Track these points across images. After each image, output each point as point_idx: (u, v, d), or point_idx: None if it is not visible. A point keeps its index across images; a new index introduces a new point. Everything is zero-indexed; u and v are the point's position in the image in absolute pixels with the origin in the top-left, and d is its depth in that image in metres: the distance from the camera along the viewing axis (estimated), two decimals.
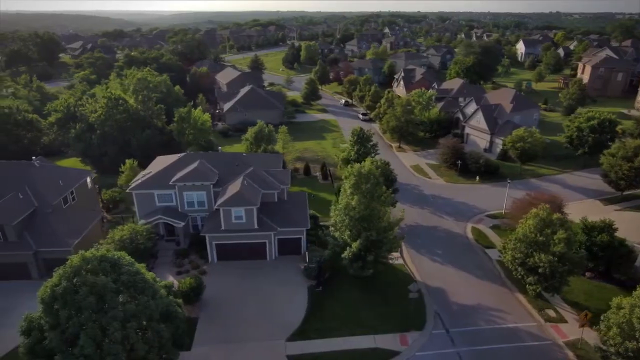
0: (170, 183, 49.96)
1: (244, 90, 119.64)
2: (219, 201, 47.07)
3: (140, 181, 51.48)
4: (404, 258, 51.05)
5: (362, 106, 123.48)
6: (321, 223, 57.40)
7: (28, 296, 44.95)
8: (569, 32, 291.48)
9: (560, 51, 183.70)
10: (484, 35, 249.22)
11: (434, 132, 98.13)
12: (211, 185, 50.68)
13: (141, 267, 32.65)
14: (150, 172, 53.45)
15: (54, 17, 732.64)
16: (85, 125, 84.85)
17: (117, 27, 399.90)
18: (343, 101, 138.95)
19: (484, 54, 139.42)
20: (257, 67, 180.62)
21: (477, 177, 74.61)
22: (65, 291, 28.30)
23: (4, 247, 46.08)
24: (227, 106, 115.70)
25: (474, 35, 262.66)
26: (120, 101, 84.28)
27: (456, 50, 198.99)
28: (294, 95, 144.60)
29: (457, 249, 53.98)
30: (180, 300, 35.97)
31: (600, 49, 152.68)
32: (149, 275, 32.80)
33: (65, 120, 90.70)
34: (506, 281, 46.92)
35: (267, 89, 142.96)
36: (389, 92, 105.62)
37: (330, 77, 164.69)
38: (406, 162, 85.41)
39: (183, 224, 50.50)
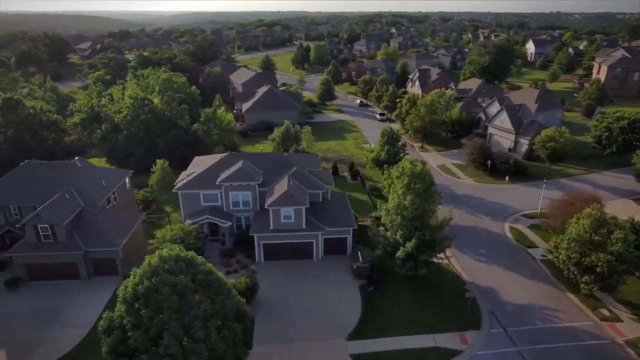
0: (217, 183, 50.06)
1: (261, 91, 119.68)
2: (269, 201, 47.18)
3: (185, 181, 51.56)
4: (448, 257, 51.21)
5: (380, 106, 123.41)
6: (359, 223, 57.46)
7: (78, 296, 45.42)
8: (574, 32, 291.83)
9: (570, 51, 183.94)
10: (492, 35, 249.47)
11: (455, 132, 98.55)
12: (257, 185, 50.80)
13: (211, 266, 32.79)
14: (194, 172, 53.54)
15: (55, 17, 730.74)
16: (110, 126, 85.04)
17: (119, 28, 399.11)
18: (358, 101, 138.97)
19: (499, 54, 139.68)
20: (268, 67, 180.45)
21: (507, 177, 74.81)
22: (147, 291, 28.35)
23: (54, 247, 46.14)
24: (245, 106, 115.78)
25: (481, 35, 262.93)
26: (146, 102, 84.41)
27: (466, 50, 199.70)
28: (308, 95, 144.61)
29: (499, 248, 54.20)
30: (244, 300, 36.06)
31: (614, 49, 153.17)
32: (219, 274, 32.93)
33: (89, 121, 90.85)
34: (554, 281, 47.10)
35: (281, 89, 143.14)
36: (404, 92, 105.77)
37: (342, 77, 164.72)
38: (432, 162, 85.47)
39: (230, 223, 50.61)
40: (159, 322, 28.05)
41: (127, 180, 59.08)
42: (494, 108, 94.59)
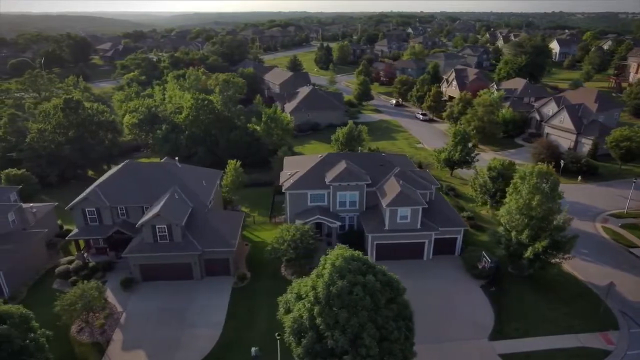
0: (327, 183, 49.74)
1: (304, 91, 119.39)
2: (385, 201, 46.92)
3: (292, 181, 51.21)
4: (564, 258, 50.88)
5: (422, 107, 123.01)
6: None
7: (196, 296, 45.16)
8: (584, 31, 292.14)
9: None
10: (511, 35, 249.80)
11: (508, 132, 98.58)
12: (365, 186, 50.51)
13: (383, 267, 32.48)
14: (297, 171, 53.17)
15: (58, 18, 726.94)
16: (170, 126, 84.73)
17: (124, 29, 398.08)
18: (394, 101, 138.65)
19: (535, 53, 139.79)
20: (295, 67, 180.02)
21: (579, 177, 74.71)
22: (341, 291, 28.04)
23: (170, 247, 45.78)
24: (289, 107, 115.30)
25: (499, 35, 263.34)
26: (206, 102, 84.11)
27: (490, 50, 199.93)
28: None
29: (600, 248, 53.97)
30: None
31: None
32: (394, 275, 32.61)
33: (146, 122, 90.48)
34: None
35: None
36: (448, 92, 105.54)
37: (372, 78, 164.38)
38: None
39: (339, 224, 50.33)
40: (355, 323, 27.76)
41: (218, 180, 58.72)
42: (550, 108, 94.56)
